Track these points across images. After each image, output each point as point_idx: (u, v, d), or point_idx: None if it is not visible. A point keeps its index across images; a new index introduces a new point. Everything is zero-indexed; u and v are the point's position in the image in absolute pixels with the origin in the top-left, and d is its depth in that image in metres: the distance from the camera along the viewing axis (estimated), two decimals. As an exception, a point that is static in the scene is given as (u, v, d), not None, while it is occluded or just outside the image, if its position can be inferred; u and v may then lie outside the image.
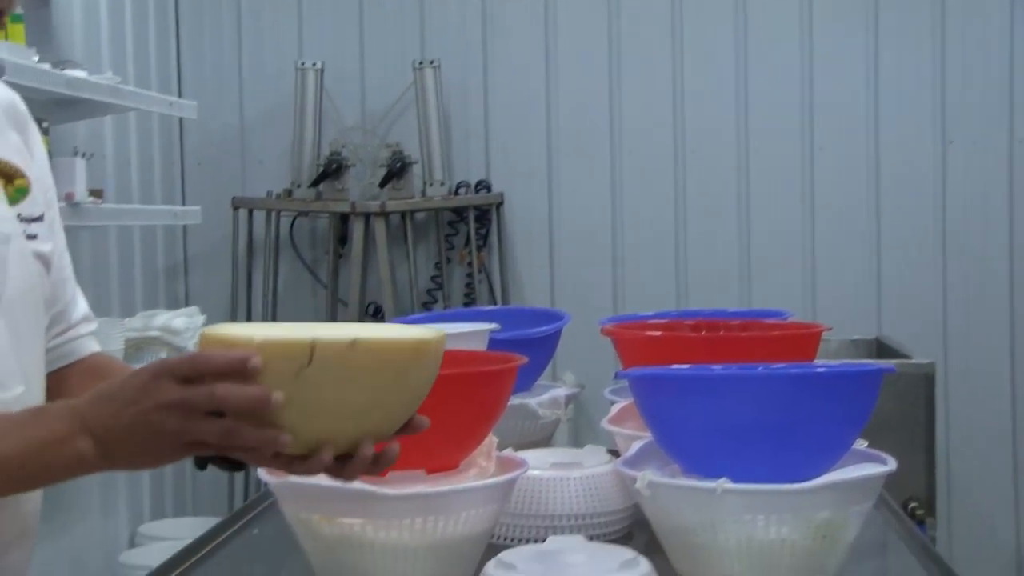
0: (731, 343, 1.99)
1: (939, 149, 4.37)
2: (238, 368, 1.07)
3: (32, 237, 1.36)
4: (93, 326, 1.55)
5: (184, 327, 3.53)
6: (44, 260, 1.38)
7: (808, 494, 1.44)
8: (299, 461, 1.16)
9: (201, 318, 3.66)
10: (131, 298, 4.13)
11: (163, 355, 3.51)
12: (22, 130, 1.42)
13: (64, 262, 1.48)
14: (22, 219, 1.34)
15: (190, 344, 3.53)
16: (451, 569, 1.53)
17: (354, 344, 1.11)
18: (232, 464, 1.25)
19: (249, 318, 4.44)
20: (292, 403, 1.09)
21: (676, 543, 1.52)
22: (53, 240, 1.42)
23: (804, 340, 1.96)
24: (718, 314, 2.37)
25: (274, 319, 4.37)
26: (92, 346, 1.54)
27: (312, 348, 1.09)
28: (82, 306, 1.53)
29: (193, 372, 1.09)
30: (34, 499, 1.39)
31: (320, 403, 1.11)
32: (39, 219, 1.38)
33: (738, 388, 1.49)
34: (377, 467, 1.18)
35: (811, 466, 1.48)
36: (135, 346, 3.50)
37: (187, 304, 4.36)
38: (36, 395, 1.35)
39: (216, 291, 4.51)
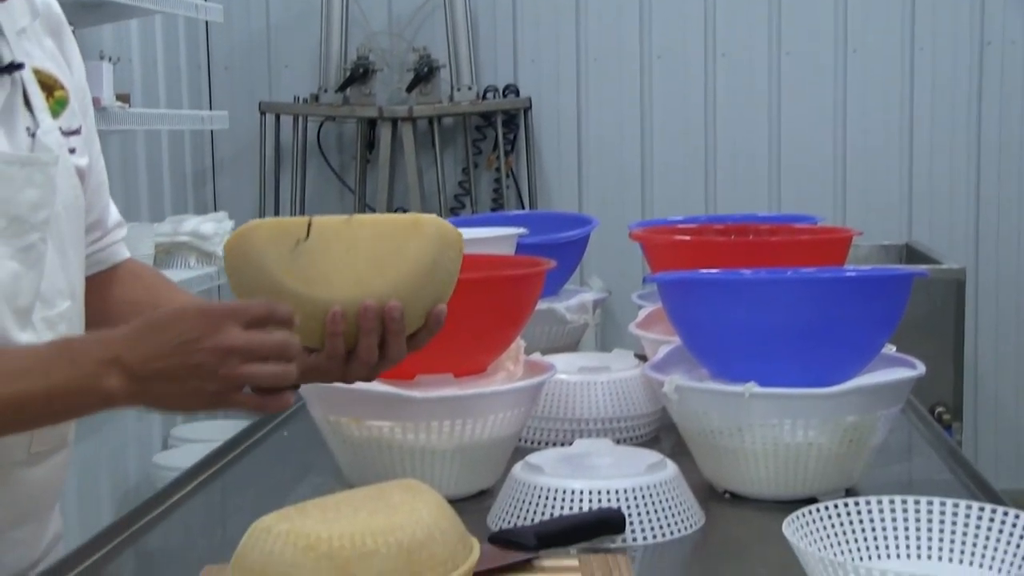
0: (760, 248, 1.98)
1: (976, 50, 4.29)
2: (289, 319, 1.14)
3: (71, 151, 1.35)
4: (124, 232, 1.55)
5: (213, 232, 3.54)
6: (81, 174, 1.37)
7: (836, 398, 1.44)
8: (322, 358, 1.20)
9: (229, 223, 3.67)
10: (160, 203, 4.14)
11: (192, 260, 3.52)
12: (57, 35, 1.40)
13: (99, 168, 1.47)
14: (63, 133, 1.33)
15: (219, 249, 3.54)
16: (479, 471, 1.54)
17: (349, 220, 1.19)
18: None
19: (277, 223, 4.45)
20: (294, 274, 1.18)
21: (703, 447, 1.53)
22: (89, 151, 1.41)
23: (834, 245, 1.94)
24: (748, 219, 2.35)
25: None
26: (125, 252, 1.55)
27: (309, 224, 1.18)
28: (114, 212, 1.53)
29: (260, 319, 1.12)
30: None
31: (321, 273, 1.18)
32: (76, 132, 1.36)
33: (767, 292, 1.48)
34: (391, 346, 1.21)
35: (840, 370, 1.47)
36: (165, 251, 3.51)
37: (215, 209, 4.37)
38: (80, 308, 1.35)
39: (244, 196, 4.52)
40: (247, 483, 1.73)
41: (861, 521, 1.22)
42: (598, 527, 1.34)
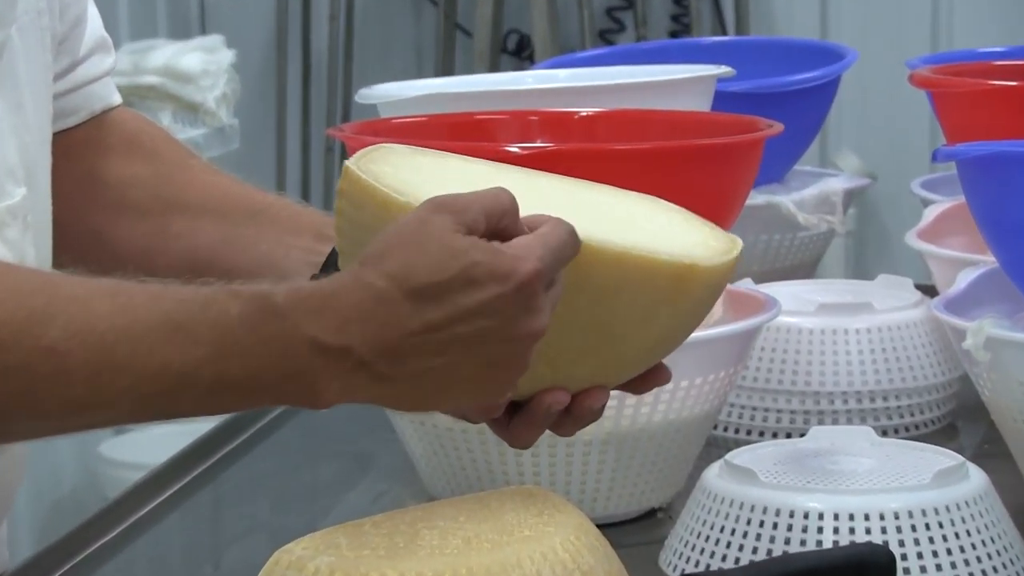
0: None
1: None
2: None
3: None
4: (111, 60, 1.53)
5: (200, 69, 3.58)
6: None
7: None
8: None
9: (228, 54, 3.70)
10: (112, 22, 4.19)
11: (166, 116, 3.57)
12: None
13: None
14: None
15: (210, 98, 3.58)
16: (648, 477, 1.55)
17: (583, 249, 1.08)
18: None
19: (306, 55, 4.48)
20: None
21: (1032, 441, 1.52)
22: None
23: None
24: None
25: (347, 58, 4.41)
26: (112, 95, 1.52)
27: None
28: (95, 24, 1.49)
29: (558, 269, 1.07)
30: None
31: None
32: None
33: None
34: (567, 427, 1.19)
35: None
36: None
37: (203, 32, 4.41)
38: (43, 196, 1.34)
39: (251, 10, 4.55)
40: (258, 490, 1.77)
41: None
42: (851, 573, 1.34)
